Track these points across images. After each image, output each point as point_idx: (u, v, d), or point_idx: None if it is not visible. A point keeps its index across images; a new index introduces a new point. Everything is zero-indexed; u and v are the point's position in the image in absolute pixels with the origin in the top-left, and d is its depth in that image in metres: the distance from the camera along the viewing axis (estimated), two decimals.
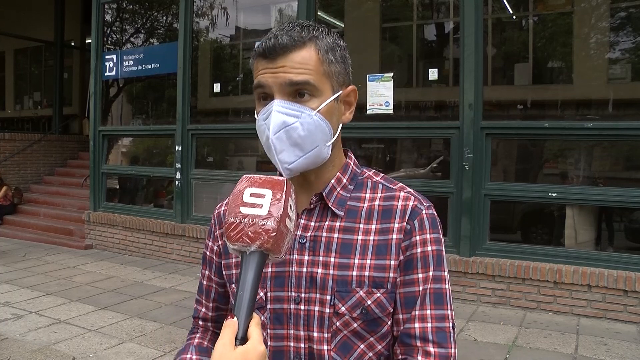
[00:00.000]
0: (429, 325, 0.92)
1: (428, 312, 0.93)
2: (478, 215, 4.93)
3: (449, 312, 0.95)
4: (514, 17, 6.40)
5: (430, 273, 0.94)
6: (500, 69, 6.38)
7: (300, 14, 5.89)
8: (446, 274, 0.96)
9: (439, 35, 7.17)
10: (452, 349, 0.93)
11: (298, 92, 0.91)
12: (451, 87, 6.05)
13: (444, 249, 0.97)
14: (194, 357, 1.02)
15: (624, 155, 5.06)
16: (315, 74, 0.91)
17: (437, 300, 0.94)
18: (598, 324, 4.31)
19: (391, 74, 5.39)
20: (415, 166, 6.00)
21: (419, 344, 0.92)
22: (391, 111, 5.33)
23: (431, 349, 0.91)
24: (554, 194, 4.77)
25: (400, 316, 0.95)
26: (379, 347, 0.97)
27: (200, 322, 1.15)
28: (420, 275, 0.94)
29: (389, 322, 0.96)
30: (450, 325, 0.94)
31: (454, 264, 4.86)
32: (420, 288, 0.93)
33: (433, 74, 5.99)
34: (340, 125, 0.98)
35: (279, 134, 0.90)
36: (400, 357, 0.95)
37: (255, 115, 0.95)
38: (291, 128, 0.90)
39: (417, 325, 0.93)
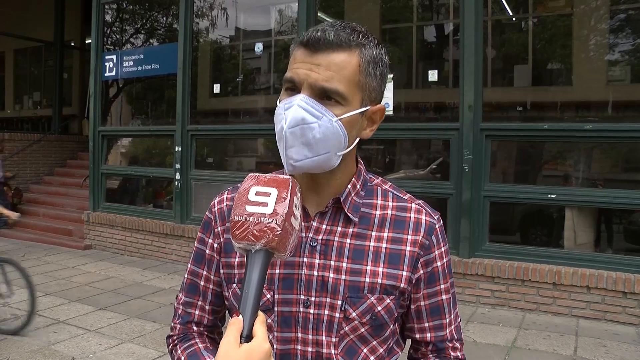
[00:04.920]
0: (453, 326, 1.06)
1: (452, 317, 1.05)
2: (477, 217, 4.93)
3: (458, 309, 1.09)
4: (514, 18, 6.41)
5: (448, 282, 1.03)
6: (499, 70, 6.39)
7: (300, 15, 5.89)
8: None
9: (438, 36, 7.18)
10: (463, 336, 1.09)
11: (326, 95, 0.88)
12: (451, 89, 6.05)
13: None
14: None
15: (623, 156, 5.07)
16: (349, 83, 0.88)
17: (453, 303, 1.06)
18: (597, 326, 4.31)
19: (391, 75, 5.40)
20: (414, 167, 5.99)
21: (449, 344, 1.05)
22: (391, 112, 5.34)
23: (457, 344, 1.06)
24: (553, 196, 4.77)
25: (427, 324, 1.03)
26: (380, 350, 0.99)
27: (195, 328, 1.07)
28: (442, 286, 1.02)
29: (392, 326, 1.00)
30: (460, 319, 1.09)
31: (453, 266, 4.82)
32: (444, 297, 1.03)
33: (433, 75, 6.00)
34: (357, 139, 0.96)
35: (294, 129, 0.87)
36: (431, 356, 1.05)
37: (277, 102, 0.92)
38: (308, 127, 0.87)
39: (447, 330, 1.05)
